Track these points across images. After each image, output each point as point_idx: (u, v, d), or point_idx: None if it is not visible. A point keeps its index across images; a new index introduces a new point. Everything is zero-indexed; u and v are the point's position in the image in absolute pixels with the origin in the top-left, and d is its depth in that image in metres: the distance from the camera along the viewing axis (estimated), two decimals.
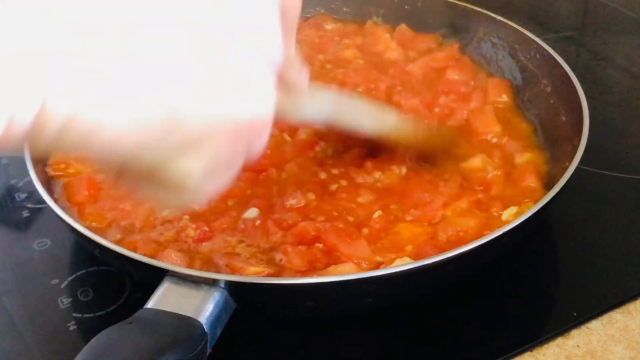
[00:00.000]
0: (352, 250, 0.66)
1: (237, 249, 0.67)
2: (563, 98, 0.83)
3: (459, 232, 0.68)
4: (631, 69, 1.07)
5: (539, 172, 0.76)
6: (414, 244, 0.67)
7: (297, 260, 0.65)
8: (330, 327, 0.66)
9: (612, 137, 0.91)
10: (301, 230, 0.68)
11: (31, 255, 0.75)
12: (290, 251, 0.66)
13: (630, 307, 0.69)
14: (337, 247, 0.66)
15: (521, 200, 0.72)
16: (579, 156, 0.68)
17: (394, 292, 0.62)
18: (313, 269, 0.65)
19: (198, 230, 0.68)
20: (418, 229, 0.69)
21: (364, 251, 0.66)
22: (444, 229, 0.68)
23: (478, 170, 0.76)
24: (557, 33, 1.16)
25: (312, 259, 0.65)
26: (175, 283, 0.56)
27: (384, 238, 0.68)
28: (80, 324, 0.67)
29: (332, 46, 0.99)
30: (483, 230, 0.68)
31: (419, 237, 0.68)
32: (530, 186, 0.74)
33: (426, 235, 0.68)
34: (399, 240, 0.68)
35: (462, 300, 0.68)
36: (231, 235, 0.69)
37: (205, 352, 0.53)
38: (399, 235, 0.68)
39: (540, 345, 0.65)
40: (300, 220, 0.69)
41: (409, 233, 0.68)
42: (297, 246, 0.66)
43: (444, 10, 1.02)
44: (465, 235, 0.67)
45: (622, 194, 0.82)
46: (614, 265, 0.73)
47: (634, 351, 0.64)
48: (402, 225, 0.69)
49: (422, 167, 0.77)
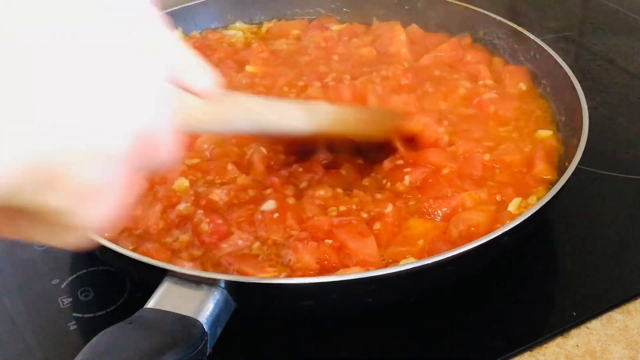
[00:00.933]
0: (360, 246, 0.66)
1: (253, 249, 0.67)
2: (563, 98, 0.83)
3: (470, 226, 0.68)
4: (631, 69, 1.07)
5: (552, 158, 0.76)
6: (425, 238, 0.67)
7: (307, 257, 0.65)
8: (330, 327, 0.66)
9: (612, 137, 0.91)
10: (316, 223, 0.68)
11: (31, 255, 0.75)
12: (301, 248, 0.65)
13: (629, 307, 0.69)
14: (346, 243, 0.66)
15: (532, 190, 0.72)
16: (579, 156, 0.68)
17: (394, 292, 0.62)
18: (323, 268, 0.65)
19: (212, 224, 0.68)
20: (429, 224, 0.69)
21: (371, 248, 0.66)
22: (456, 223, 0.68)
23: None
24: (557, 33, 1.16)
25: (321, 257, 0.65)
26: (175, 283, 0.56)
27: (397, 233, 0.68)
28: (81, 323, 0.67)
29: (342, 46, 1.00)
30: (494, 224, 0.68)
31: (430, 232, 0.68)
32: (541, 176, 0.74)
33: (437, 231, 0.68)
34: (411, 235, 0.68)
35: (462, 300, 0.69)
36: (247, 231, 0.69)
37: (205, 352, 0.53)
38: (410, 230, 0.68)
39: (540, 345, 0.65)
40: (318, 213, 0.69)
41: (421, 228, 0.68)
42: (308, 243, 0.66)
43: (444, 11, 1.02)
44: (477, 229, 0.67)
45: (622, 194, 0.82)
46: (613, 265, 0.73)
47: (633, 351, 0.64)
48: (413, 221, 0.69)
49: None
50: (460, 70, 0.93)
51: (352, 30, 1.04)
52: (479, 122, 0.83)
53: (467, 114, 0.85)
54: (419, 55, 0.96)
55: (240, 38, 1.04)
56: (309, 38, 1.02)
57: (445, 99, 0.87)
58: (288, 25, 1.07)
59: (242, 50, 1.00)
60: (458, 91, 0.88)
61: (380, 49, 0.98)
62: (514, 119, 0.84)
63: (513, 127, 0.82)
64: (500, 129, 0.82)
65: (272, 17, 1.09)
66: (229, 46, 1.02)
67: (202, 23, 1.06)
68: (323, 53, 0.98)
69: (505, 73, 0.91)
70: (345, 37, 1.02)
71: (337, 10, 1.09)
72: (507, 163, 0.76)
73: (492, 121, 0.83)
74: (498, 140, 0.80)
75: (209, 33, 1.04)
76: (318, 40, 1.01)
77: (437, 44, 0.98)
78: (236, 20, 1.08)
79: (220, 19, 1.07)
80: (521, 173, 0.75)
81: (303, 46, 1.01)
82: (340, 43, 1.00)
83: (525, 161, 0.76)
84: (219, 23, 1.07)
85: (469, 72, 0.92)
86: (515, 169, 0.76)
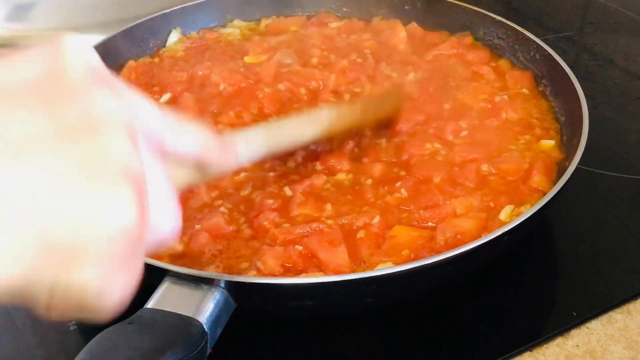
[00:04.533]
0: (330, 257, 0.65)
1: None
2: (563, 98, 0.83)
3: (456, 234, 0.67)
4: (631, 69, 1.07)
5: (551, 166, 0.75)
6: (410, 247, 0.66)
7: (271, 262, 0.64)
8: (330, 327, 0.66)
9: (612, 137, 0.91)
10: (280, 232, 0.68)
11: None
12: (267, 251, 0.65)
13: (629, 307, 0.69)
14: (317, 253, 0.65)
15: (526, 198, 0.71)
16: (579, 156, 0.68)
17: (394, 292, 0.62)
18: (287, 271, 0.64)
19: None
20: (414, 232, 0.68)
21: (342, 259, 0.64)
22: (443, 230, 0.67)
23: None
24: (557, 33, 1.16)
25: (287, 261, 0.64)
26: (176, 283, 0.56)
27: (381, 243, 0.67)
28: (81, 323, 0.67)
29: (342, 42, 1.00)
30: (482, 232, 0.67)
31: (415, 240, 0.67)
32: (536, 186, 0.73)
33: (423, 239, 0.67)
34: (396, 244, 0.67)
35: (462, 300, 0.69)
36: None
37: (205, 352, 0.53)
38: (395, 239, 0.67)
39: (540, 345, 0.65)
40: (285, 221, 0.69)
41: (406, 237, 0.67)
42: (273, 246, 0.66)
43: (444, 11, 1.02)
44: (463, 237, 0.66)
45: (622, 194, 0.82)
46: (613, 265, 0.73)
47: (633, 351, 0.64)
48: (398, 229, 0.68)
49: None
50: (464, 70, 0.92)
51: (351, 27, 1.04)
52: (483, 127, 0.82)
53: (472, 116, 0.84)
54: (419, 53, 0.97)
55: (237, 36, 1.05)
56: (308, 34, 1.03)
57: (449, 99, 0.86)
58: (286, 22, 1.07)
59: (240, 45, 1.01)
60: (462, 92, 0.88)
61: (381, 46, 0.98)
62: (517, 124, 0.82)
63: (516, 133, 0.81)
64: (503, 134, 0.80)
65: (272, 15, 1.09)
66: (227, 44, 1.02)
67: (201, 23, 1.06)
68: (327, 47, 0.99)
69: (509, 77, 0.91)
70: (344, 34, 1.02)
71: (337, 10, 1.09)
72: (503, 171, 0.74)
73: (496, 126, 0.82)
74: (499, 147, 0.78)
75: (206, 33, 1.05)
76: (318, 36, 1.01)
77: (437, 42, 0.98)
78: (235, 18, 1.08)
79: (220, 19, 1.07)
80: (517, 182, 0.74)
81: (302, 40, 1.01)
82: (339, 38, 1.01)
83: (523, 172, 0.74)
84: (218, 22, 1.07)
85: (473, 72, 0.92)
86: (512, 177, 0.74)
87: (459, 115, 0.83)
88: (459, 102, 0.86)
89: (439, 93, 0.87)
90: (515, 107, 0.84)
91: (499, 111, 0.84)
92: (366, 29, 1.03)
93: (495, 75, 0.91)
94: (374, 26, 1.04)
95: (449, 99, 0.86)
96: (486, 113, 0.84)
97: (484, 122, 0.83)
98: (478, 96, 0.87)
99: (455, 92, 0.88)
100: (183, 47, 1.01)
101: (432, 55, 0.96)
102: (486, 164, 0.75)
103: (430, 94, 0.87)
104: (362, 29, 1.04)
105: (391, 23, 1.02)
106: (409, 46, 0.98)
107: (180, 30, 1.03)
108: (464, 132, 0.81)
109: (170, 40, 1.02)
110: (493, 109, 0.84)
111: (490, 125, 0.82)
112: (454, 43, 0.97)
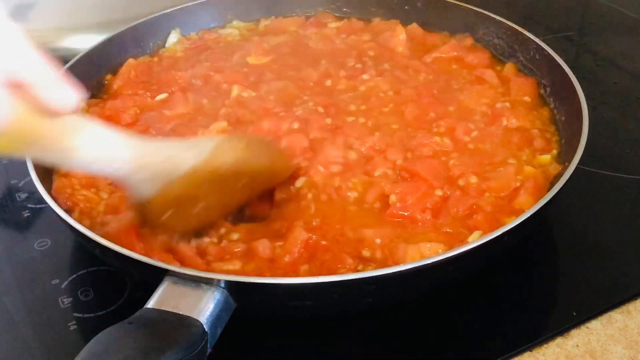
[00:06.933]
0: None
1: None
2: (563, 98, 0.83)
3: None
4: (631, 69, 1.07)
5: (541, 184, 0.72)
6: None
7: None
8: (330, 327, 0.66)
9: (612, 137, 0.91)
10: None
11: (32, 255, 0.75)
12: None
13: (629, 307, 0.69)
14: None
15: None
16: (579, 156, 0.68)
17: (394, 292, 0.62)
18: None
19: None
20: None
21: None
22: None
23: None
24: (557, 33, 1.16)
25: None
26: (176, 283, 0.56)
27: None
28: (81, 323, 0.67)
29: (342, 42, 1.00)
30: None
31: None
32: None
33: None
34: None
35: (462, 300, 0.68)
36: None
37: (205, 352, 0.53)
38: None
39: (540, 345, 0.65)
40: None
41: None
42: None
43: (443, 11, 1.02)
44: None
45: (622, 194, 0.82)
46: (613, 265, 0.73)
47: (633, 351, 0.64)
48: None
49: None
50: (465, 74, 0.92)
51: (350, 27, 1.04)
52: (485, 135, 0.80)
53: (473, 122, 0.83)
54: (419, 55, 0.97)
55: (236, 36, 1.05)
56: (307, 34, 1.03)
57: (451, 104, 0.86)
58: (285, 22, 1.07)
59: (239, 45, 1.01)
60: (463, 97, 0.87)
61: (383, 46, 0.98)
62: (516, 132, 0.81)
63: (515, 145, 0.79)
64: (501, 145, 0.79)
65: (270, 16, 1.09)
66: (227, 45, 1.02)
67: (200, 23, 1.06)
68: (329, 48, 0.98)
69: (512, 84, 0.89)
70: (343, 34, 1.02)
71: (337, 10, 1.09)
72: (492, 189, 0.72)
73: (496, 134, 0.80)
74: (493, 160, 0.76)
75: (205, 34, 1.05)
76: (319, 36, 1.01)
77: (437, 44, 0.98)
78: (234, 19, 1.08)
79: (219, 19, 1.07)
80: (502, 199, 0.71)
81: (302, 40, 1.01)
82: (338, 39, 1.01)
83: (510, 190, 0.72)
84: (217, 23, 1.07)
85: (474, 76, 0.91)
86: (498, 194, 0.72)
87: (459, 118, 0.83)
88: (457, 106, 0.85)
89: (438, 97, 0.86)
90: (517, 115, 0.83)
91: (499, 118, 0.82)
92: (366, 29, 1.04)
93: (498, 80, 0.90)
94: (373, 27, 1.04)
95: (449, 103, 0.86)
96: (486, 118, 0.83)
97: (484, 130, 0.81)
98: (480, 100, 0.86)
99: (459, 94, 0.87)
100: (182, 47, 1.01)
101: (432, 58, 0.95)
102: (475, 177, 0.73)
103: (433, 96, 0.86)
104: (362, 29, 1.04)
105: (391, 24, 1.03)
106: (407, 49, 0.97)
107: (180, 31, 1.03)
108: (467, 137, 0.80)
109: (170, 40, 1.02)
110: (493, 115, 0.83)
111: (490, 133, 0.80)
112: (454, 45, 0.97)
